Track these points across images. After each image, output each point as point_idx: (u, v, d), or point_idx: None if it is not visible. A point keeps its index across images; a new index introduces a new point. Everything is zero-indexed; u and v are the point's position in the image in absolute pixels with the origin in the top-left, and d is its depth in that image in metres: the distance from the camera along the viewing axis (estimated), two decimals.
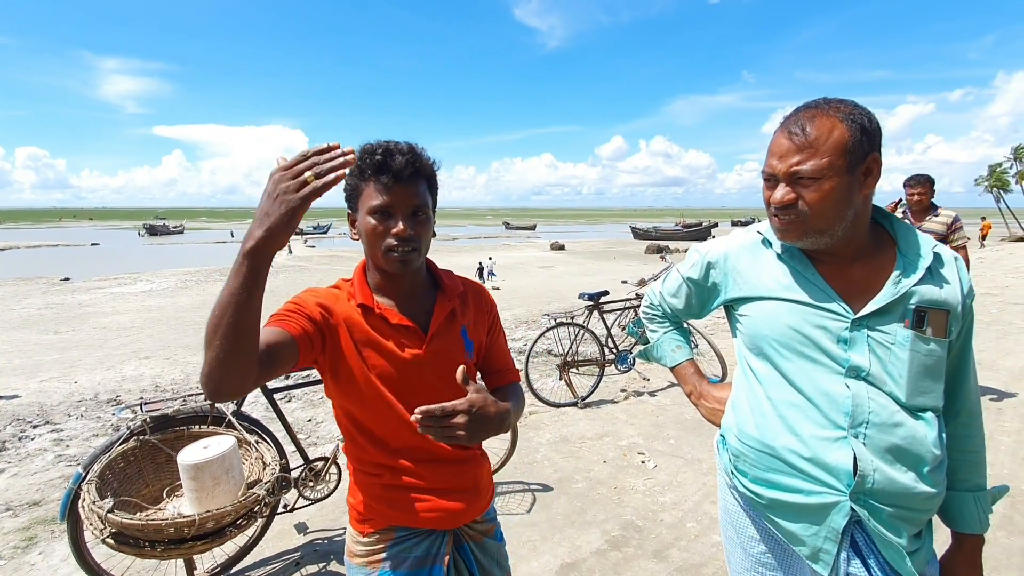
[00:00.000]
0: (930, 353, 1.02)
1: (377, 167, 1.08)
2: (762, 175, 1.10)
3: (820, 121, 1.00)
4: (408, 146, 1.11)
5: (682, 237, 38.35)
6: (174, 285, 15.65)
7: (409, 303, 1.18)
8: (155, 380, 6.06)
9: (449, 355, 1.18)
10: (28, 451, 4.00)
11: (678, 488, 3.23)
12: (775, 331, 1.10)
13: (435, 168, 1.17)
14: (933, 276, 1.05)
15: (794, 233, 1.05)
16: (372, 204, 1.09)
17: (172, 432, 2.17)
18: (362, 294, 1.15)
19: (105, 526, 1.72)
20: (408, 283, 1.18)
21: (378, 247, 1.10)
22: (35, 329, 9.53)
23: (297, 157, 0.85)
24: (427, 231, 1.14)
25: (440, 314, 1.18)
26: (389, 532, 1.17)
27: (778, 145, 1.04)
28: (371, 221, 1.09)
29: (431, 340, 1.16)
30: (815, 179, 1.00)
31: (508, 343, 1.39)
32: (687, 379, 1.40)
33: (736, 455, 1.19)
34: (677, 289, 1.35)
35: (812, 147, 0.99)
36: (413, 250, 1.10)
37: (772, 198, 1.05)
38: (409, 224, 1.09)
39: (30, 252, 30.95)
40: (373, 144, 1.11)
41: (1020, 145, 38.18)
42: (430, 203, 1.15)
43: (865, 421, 1.01)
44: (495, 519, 1.34)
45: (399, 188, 1.08)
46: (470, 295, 1.28)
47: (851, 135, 0.99)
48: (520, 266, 21.24)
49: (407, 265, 1.11)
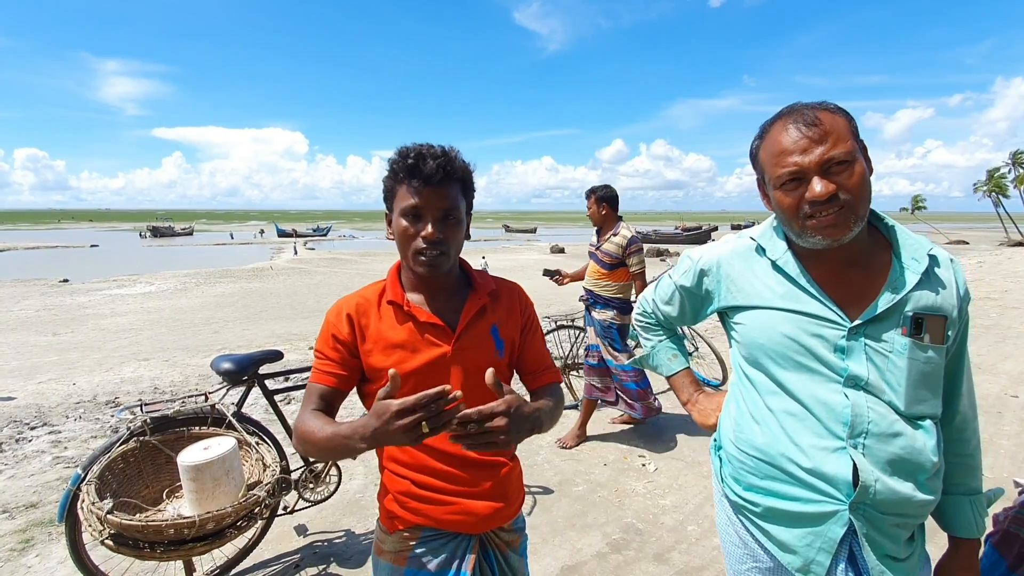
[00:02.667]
0: (928, 360, 1.00)
1: (409, 170, 1.11)
2: (774, 183, 1.02)
3: (820, 113, 0.99)
4: (442, 150, 1.13)
5: (682, 241, 38.34)
6: (173, 287, 15.62)
7: (440, 301, 1.21)
8: (154, 382, 6.04)
9: (478, 352, 1.19)
10: (25, 453, 3.98)
11: (679, 491, 3.23)
12: (771, 341, 1.08)
13: (470, 171, 1.19)
14: (930, 280, 1.02)
15: (843, 226, 0.97)
16: (404, 206, 1.12)
17: (172, 433, 2.16)
18: (393, 292, 1.19)
19: (104, 527, 1.71)
20: (440, 282, 1.21)
21: (408, 248, 1.13)
22: (33, 331, 9.50)
23: (412, 403, 0.86)
24: (457, 234, 1.16)
25: (469, 311, 1.20)
26: (416, 531, 1.18)
27: (792, 143, 0.98)
28: (403, 223, 1.13)
29: (459, 337, 1.17)
30: (848, 163, 0.96)
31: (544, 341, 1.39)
32: (683, 388, 1.39)
33: (732, 462, 1.17)
34: (670, 296, 1.33)
35: (832, 133, 0.96)
36: (441, 254, 1.12)
37: (810, 195, 0.96)
38: (438, 227, 1.11)
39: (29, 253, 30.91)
40: (408, 147, 1.13)
41: (1018, 150, 38.27)
42: (462, 206, 1.16)
43: (864, 431, 0.99)
44: (523, 529, 1.33)
45: (429, 191, 1.10)
46: (503, 293, 1.28)
47: (849, 121, 1.00)
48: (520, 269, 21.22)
49: (435, 269, 1.13)
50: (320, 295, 13.89)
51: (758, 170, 1.10)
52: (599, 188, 3.85)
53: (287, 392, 3.85)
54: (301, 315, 10.80)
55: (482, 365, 1.17)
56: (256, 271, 20.25)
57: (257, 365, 2.45)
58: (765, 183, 1.08)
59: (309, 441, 1.06)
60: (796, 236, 1.05)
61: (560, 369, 4.79)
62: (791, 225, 1.04)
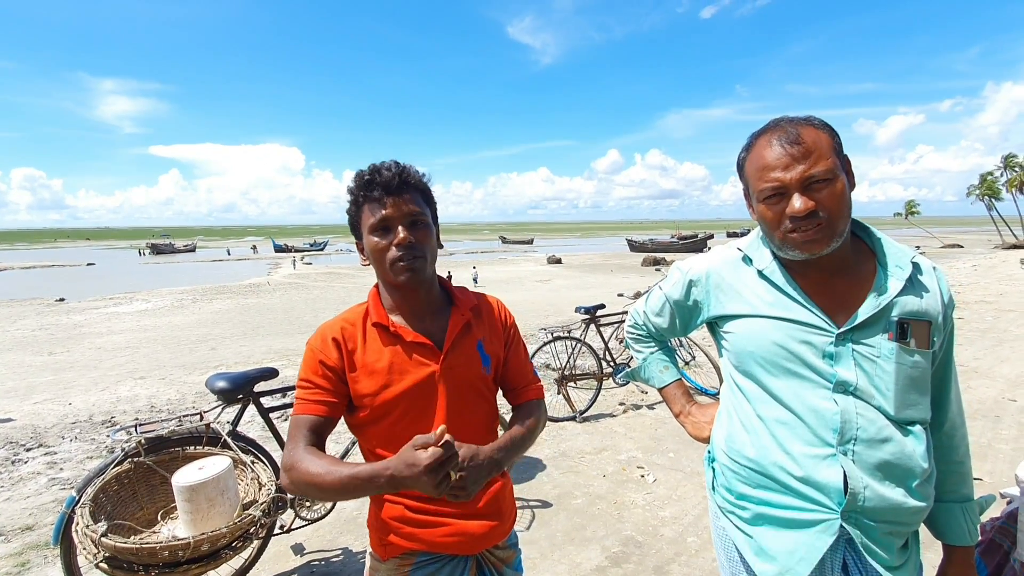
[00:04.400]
0: (915, 365, 1.02)
1: (367, 185, 1.12)
2: (757, 196, 1.05)
3: (804, 130, 1.01)
4: (394, 162, 1.14)
5: (678, 249, 38.47)
6: (170, 304, 15.59)
7: (424, 320, 1.19)
8: (150, 400, 6.01)
9: (466, 369, 1.18)
10: (21, 475, 3.95)
11: (678, 502, 3.21)
12: (760, 348, 1.09)
13: (426, 180, 1.19)
14: (913, 286, 1.05)
15: (822, 241, 1.00)
16: (371, 222, 1.12)
17: (167, 453, 2.15)
18: (377, 313, 1.17)
19: (99, 550, 1.70)
20: (422, 299, 1.19)
21: (384, 262, 1.12)
22: (29, 350, 9.46)
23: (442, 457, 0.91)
24: (429, 238, 1.15)
25: (454, 328, 1.19)
26: (411, 557, 1.17)
27: (775, 159, 1.01)
28: (373, 239, 1.12)
29: (447, 355, 1.16)
30: (827, 180, 0.99)
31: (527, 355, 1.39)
32: (675, 399, 1.39)
33: (725, 472, 1.18)
34: (660, 308, 1.34)
35: (813, 151, 0.99)
36: (418, 257, 1.12)
37: (790, 210, 1.00)
38: (409, 232, 1.11)
39: (25, 273, 30.85)
40: (362, 169, 1.14)
41: (1010, 154, 38.66)
42: (428, 212, 1.17)
43: (854, 437, 1.01)
44: (517, 545, 1.33)
45: (392, 200, 1.11)
46: (484, 308, 1.28)
47: (832, 137, 1.02)
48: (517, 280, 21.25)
49: (416, 273, 1.12)
50: (317, 310, 13.87)
51: (743, 182, 1.13)
52: None
53: (283, 409, 3.84)
54: (299, 330, 10.78)
55: (470, 382, 1.17)
56: (253, 287, 20.22)
57: (252, 383, 2.44)
58: (750, 195, 1.11)
59: (315, 484, 1.00)
60: (777, 248, 1.08)
61: (558, 381, 4.80)
62: (772, 237, 1.07)
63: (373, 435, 1.17)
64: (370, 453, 1.19)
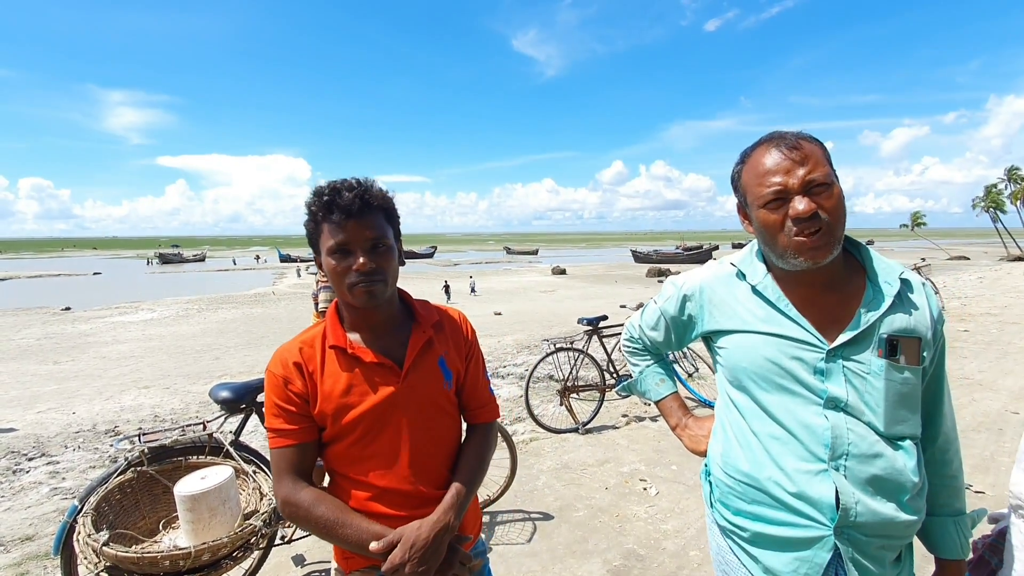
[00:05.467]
0: (905, 381, 1.02)
1: (327, 207, 1.09)
2: (758, 203, 1.05)
3: (800, 141, 1.04)
4: (356, 181, 1.11)
5: (683, 260, 38.43)
6: (175, 314, 15.67)
7: (384, 337, 1.18)
8: (154, 410, 6.03)
9: (426, 388, 1.17)
10: (23, 484, 3.96)
11: (681, 515, 3.19)
12: (753, 363, 1.10)
13: (389, 197, 1.16)
14: (903, 303, 1.06)
15: (826, 248, 1.01)
16: (329, 244, 1.09)
17: (170, 463, 2.16)
18: (335, 335, 1.15)
19: (100, 560, 1.70)
20: (381, 316, 1.18)
21: (343, 284, 1.10)
22: (34, 359, 9.51)
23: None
24: (390, 262, 1.13)
25: (415, 346, 1.17)
26: (373, 570, 1.16)
27: (775, 164, 1.03)
28: (331, 261, 1.09)
29: (407, 375, 1.15)
30: (826, 185, 1.00)
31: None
32: (672, 412, 1.40)
33: (721, 487, 1.18)
34: (656, 322, 1.35)
35: (812, 158, 1.01)
36: (378, 280, 1.10)
37: (794, 212, 1.00)
38: (370, 257, 1.09)
39: (32, 282, 31.07)
40: (322, 185, 1.12)
41: (1013, 167, 38.60)
42: (390, 233, 1.14)
43: (845, 453, 1.01)
44: (484, 553, 1.33)
45: (352, 224, 1.08)
46: (446, 323, 1.27)
47: (824, 151, 1.05)
48: (521, 291, 21.26)
49: (374, 296, 1.10)
50: None
51: (739, 194, 1.13)
52: None
53: None
54: None
55: (432, 399, 1.17)
56: (258, 296, 20.30)
57: (255, 393, 2.46)
58: (746, 205, 1.11)
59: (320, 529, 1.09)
60: (778, 257, 1.07)
61: (560, 392, 4.79)
62: (774, 245, 1.06)
63: (333, 456, 1.17)
64: (333, 472, 1.19)
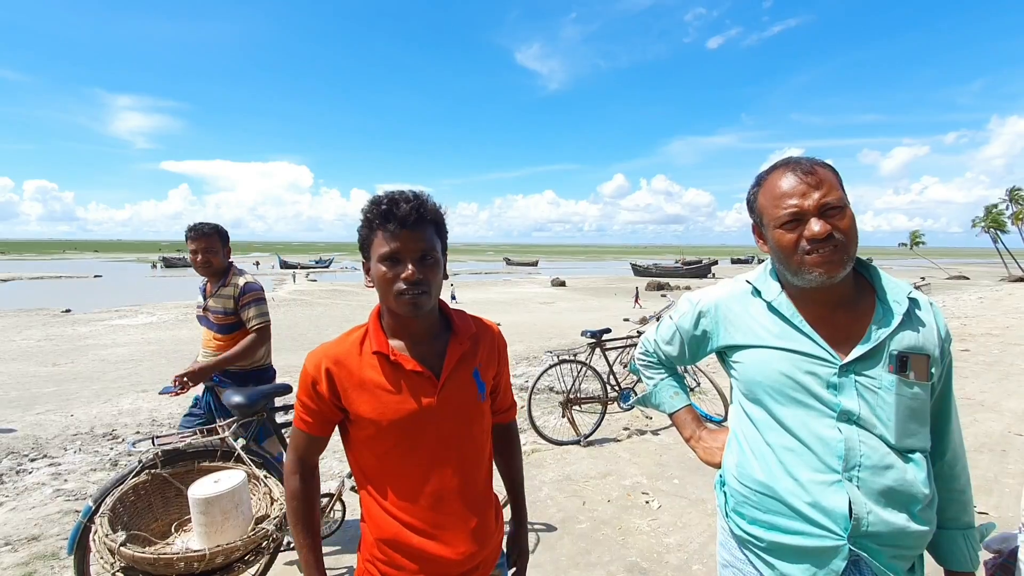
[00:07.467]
0: (915, 396, 1.07)
1: (384, 216, 1.13)
2: (774, 223, 1.11)
3: (815, 166, 1.10)
4: (413, 194, 1.15)
5: (682, 274, 38.50)
6: (175, 318, 15.66)
7: (423, 346, 1.21)
8: (152, 414, 6.02)
9: (462, 398, 1.20)
10: (26, 485, 3.97)
11: (683, 529, 3.21)
12: (768, 378, 1.14)
13: (442, 213, 1.21)
14: (911, 321, 1.11)
15: (838, 264, 1.06)
16: (381, 251, 1.13)
17: (182, 466, 2.18)
18: (377, 341, 1.18)
19: (116, 560, 1.72)
20: (422, 326, 1.21)
21: (390, 292, 1.14)
22: (34, 361, 9.50)
23: None
24: (436, 274, 1.17)
25: (452, 358, 1.20)
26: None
27: (791, 187, 1.09)
28: (381, 268, 1.13)
29: (443, 386, 1.18)
30: (840, 207, 1.06)
31: (510, 380, 1.47)
32: (686, 424, 1.43)
33: (736, 497, 1.21)
34: (671, 337, 1.39)
35: (827, 182, 1.08)
36: (423, 293, 1.13)
37: (809, 233, 1.06)
38: (418, 268, 1.12)
39: (33, 283, 31.06)
40: (380, 195, 1.16)
41: (1015, 187, 38.79)
42: (438, 247, 1.18)
43: (858, 464, 1.05)
44: (504, 565, 1.35)
45: (406, 234, 1.12)
46: (483, 335, 1.30)
47: (838, 176, 1.11)
48: (521, 302, 21.28)
49: (418, 308, 1.14)
50: (321, 327, 13.91)
51: (755, 215, 1.19)
52: (212, 227, 2.93)
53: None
54: (302, 346, 10.81)
55: (465, 410, 1.21)
56: None
57: (268, 399, 2.49)
58: (762, 226, 1.17)
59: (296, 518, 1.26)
60: (793, 274, 1.12)
61: (563, 404, 4.81)
62: (789, 262, 1.11)
63: (363, 457, 1.20)
64: (358, 471, 1.22)
